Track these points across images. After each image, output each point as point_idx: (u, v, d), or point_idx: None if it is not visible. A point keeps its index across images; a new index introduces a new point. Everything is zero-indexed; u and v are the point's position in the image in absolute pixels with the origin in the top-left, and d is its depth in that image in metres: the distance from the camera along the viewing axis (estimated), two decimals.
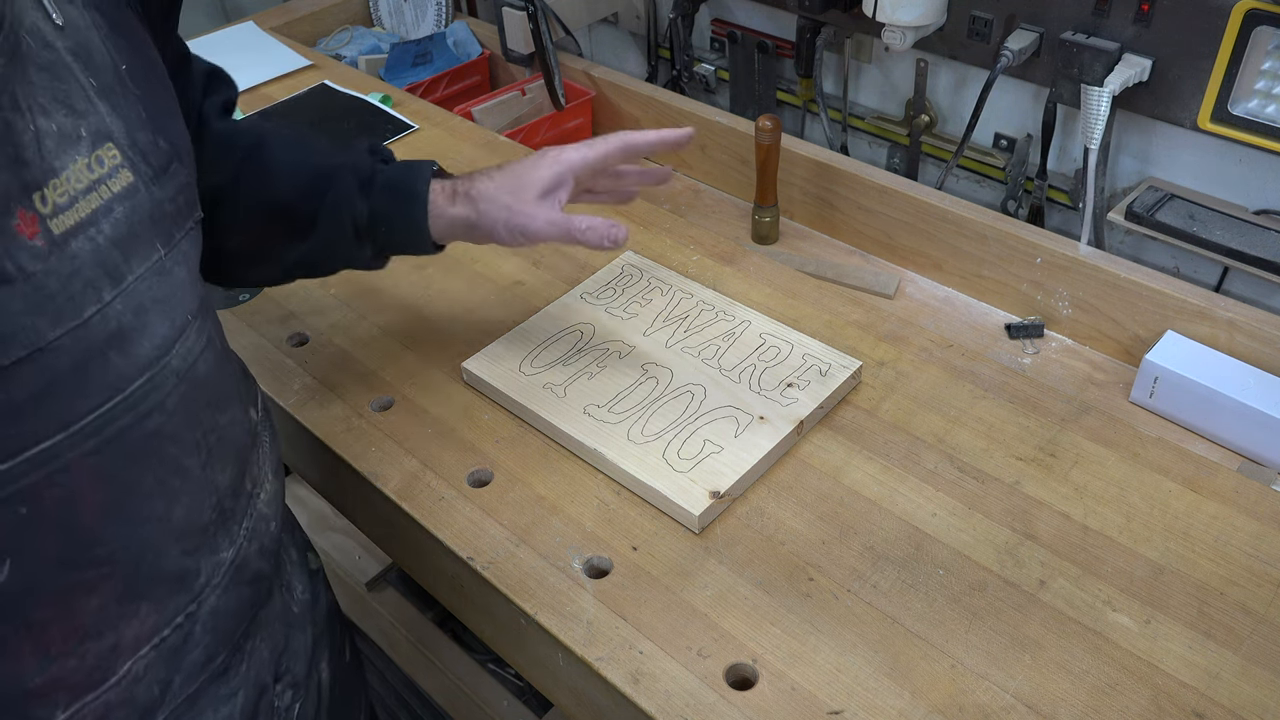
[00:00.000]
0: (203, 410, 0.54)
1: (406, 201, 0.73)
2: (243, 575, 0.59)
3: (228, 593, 0.58)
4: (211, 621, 0.57)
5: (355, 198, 0.73)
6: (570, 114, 1.31)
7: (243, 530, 0.59)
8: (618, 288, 0.90)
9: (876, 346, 0.85)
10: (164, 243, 0.51)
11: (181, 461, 0.53)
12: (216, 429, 0.56)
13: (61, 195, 0.45)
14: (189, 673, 0.56)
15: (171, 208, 0.52)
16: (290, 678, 0.67)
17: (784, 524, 0.71)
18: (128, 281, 0.48)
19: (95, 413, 0.46)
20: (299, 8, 1.53)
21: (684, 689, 0.61)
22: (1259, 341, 0.87)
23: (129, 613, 0.51)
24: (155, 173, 0.51)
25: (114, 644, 0.51)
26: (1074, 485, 0.73)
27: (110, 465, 0.48)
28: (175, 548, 0.53)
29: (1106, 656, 0.62)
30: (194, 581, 0.55)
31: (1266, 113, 0.89)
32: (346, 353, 0.88)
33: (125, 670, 0.52)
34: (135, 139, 0.50)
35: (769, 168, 1.09)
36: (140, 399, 0.49)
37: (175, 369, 0.51)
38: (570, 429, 0.76)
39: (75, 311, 0.45)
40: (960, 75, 1.12)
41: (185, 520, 0.54)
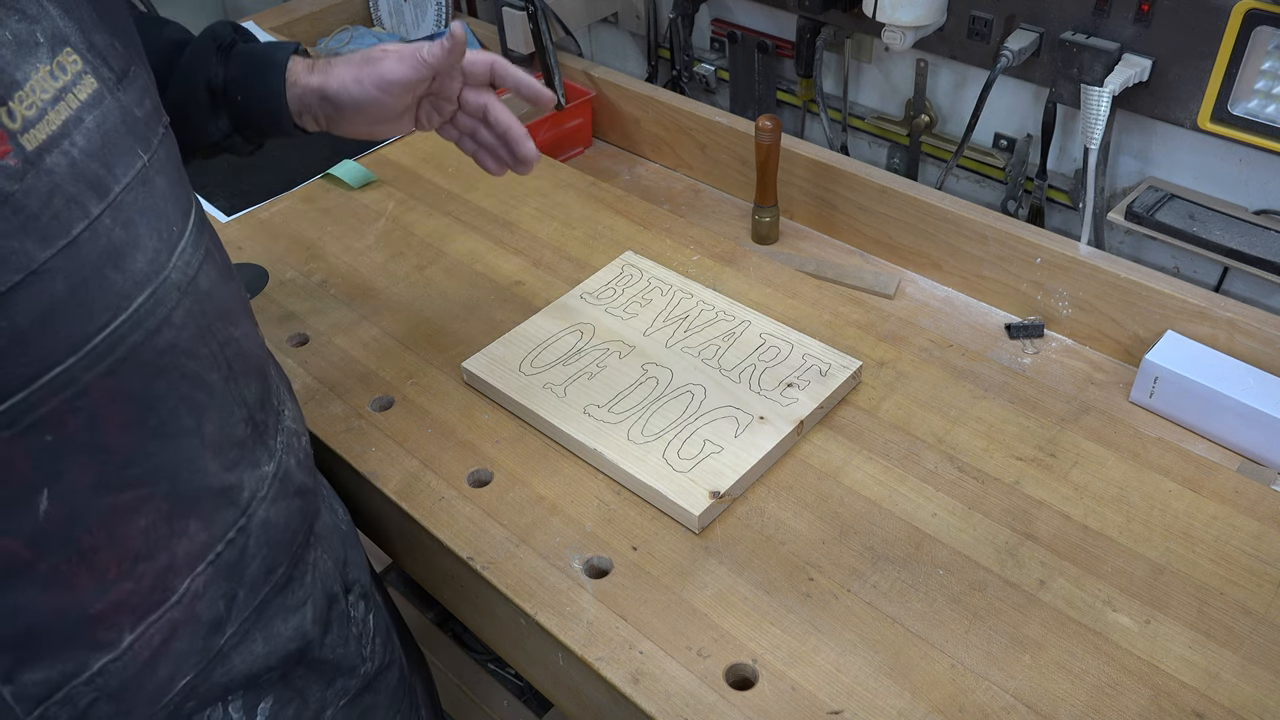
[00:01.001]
0: (215, 323, 0.53)
1: (264, 68, 0.72)
2: (288, 488, 0.60)
3: (276, 505, 0.58)
4: (265, 534, 0.57)
5: (212, 61, 0.72)
6: (570, 114, 1.31)
7: (279, 444, 0.60)
8: (618, 288, 0.90)
9: (876, 346, 0.85)
10: (144, 149, 0.49)
11: (203, 376, 0.52)
12: (232, 342, 0.55)
13: (29, 108, 0.42)
14: (251, 585, 0.57)
15: (140, 112, 0.50)
16: (360, 589, 0.69)
17: (784, 524, 0.71)
18: (114, 194, 0.46)
19: (103, 332, 0.45)
20: (299, 8, 1.53)
21: (684, 689, 0.61)
22: (1259, 341, 0.86)
23: (179, 531, 0.52)
24: (118, 77, 0.48)
25: (169, 563, 0.51)
26: (1074, 485, 0.73)
27: (128, 384, 0.47)
28: (214, 462, 0.53)
29: (1106, 656, 0.62)
30: (239, 495, 0.55)
31: (1266, 113, 0.89)
32: (346, 353, 0.88)
33: (185, 588, 0.53)
34: (92, 41, 0.47)
35: (769, 168, 1.08)
36: (146, 315, 0.48)
37: (176, 283, 0.50)
38: (570, 429, 0.76)
39: (63, 230, 0.43)
40: (960, 75, 1.12)
41: (219, 434, 0.54)
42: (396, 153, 1.14)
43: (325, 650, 0.64)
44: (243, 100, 0.72)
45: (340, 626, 0.66)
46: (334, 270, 0.97)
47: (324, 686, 0.65)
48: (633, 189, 1.24)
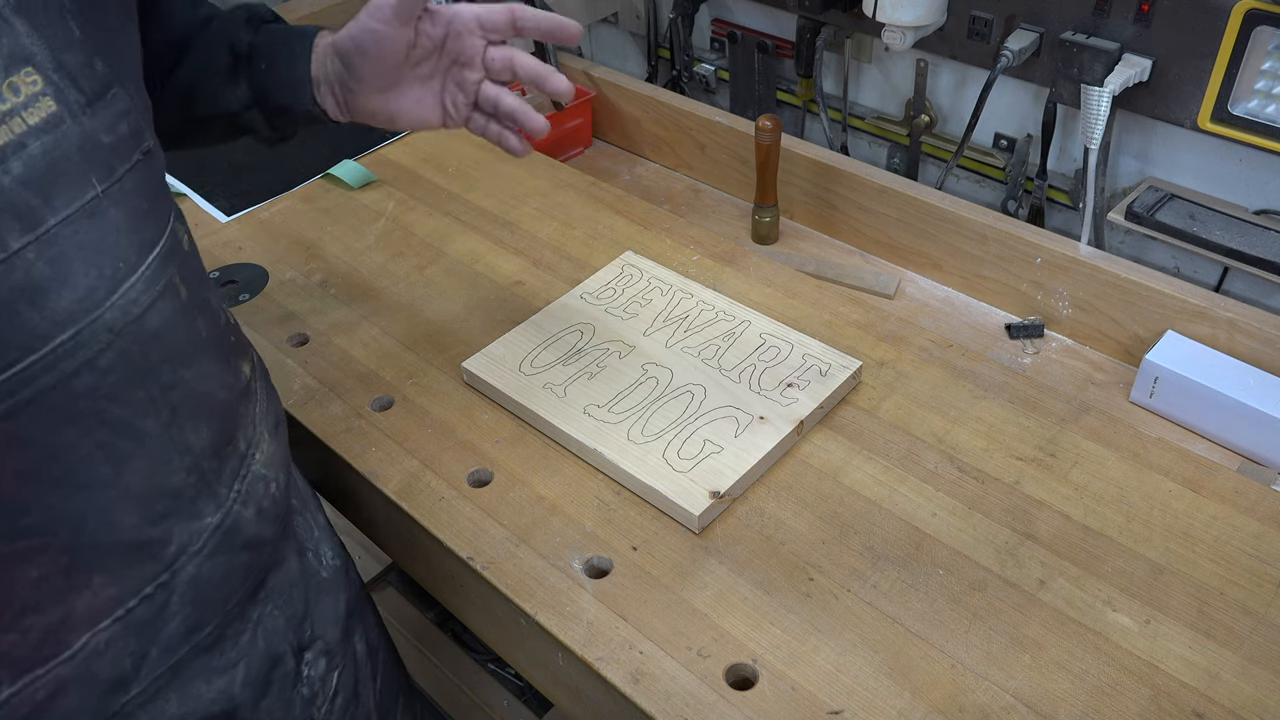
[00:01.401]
0: (159, 366, 0.50)
1: (292, 38, 0.70)
2: (233, 541, 0.56)
3: (212, 560, 0.54)
4: (192, 591, 0.53)
5: (240, 29, 0.70)
6: (570, 114, 1.31)
7: (232, 493, 0.56)
8: (618, 288, 0.90)
9: (876, 346, 0.85)
10: (101, 179, 0.46)
11: (132, 423, 0.48)
12: (180, 385, 0.51)
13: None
14: (167, 644, 0.53)
15: (110, 139, 0.47)
16: (322, 645, 0.64)
17: (784, 524, 0.71)
18: (47, 226, 0.43)
19: (5, 373, 0.42)
20: (299, 8, 1.53)
21: (684, 689, 0.61)
22: (1259, 341, 0.86)
23: (78, 585, 0.48)
24: (88, 99, 0.46)
25: (63, 617, 0.48)
26: (1074, 485, 0.73)
27: (28, 429, 0.44)
28: (133, 515, 0.50)
29: (1106, 656, 0.62)
30: (162, 550, 0.51)
31: (1266, 113, 0.89)
32: (346, 353, 0.88)
33: (81, 644, 0.49)
34: (62, 61, 0.45)
35: (769, 168, 1.08)
36: (63, 357, 0.44)
37: (110, 323, 0.46)
38: (570, 429, 0.76)
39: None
40: (960, 75, 1.12)
41: (145, 485, 0.50)
42: (396, 153, 1.14)
43: (259, 714, 0.59)
44: (266, 68, 0.69)
45: (282, 689, 0.61)
46: (334, 270, 0.97)
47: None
48: (633, 189, 1.24)
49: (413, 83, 0.70)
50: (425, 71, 0.70)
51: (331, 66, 0.69)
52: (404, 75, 0.70)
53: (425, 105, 0.71)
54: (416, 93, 0.71)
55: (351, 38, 0.68)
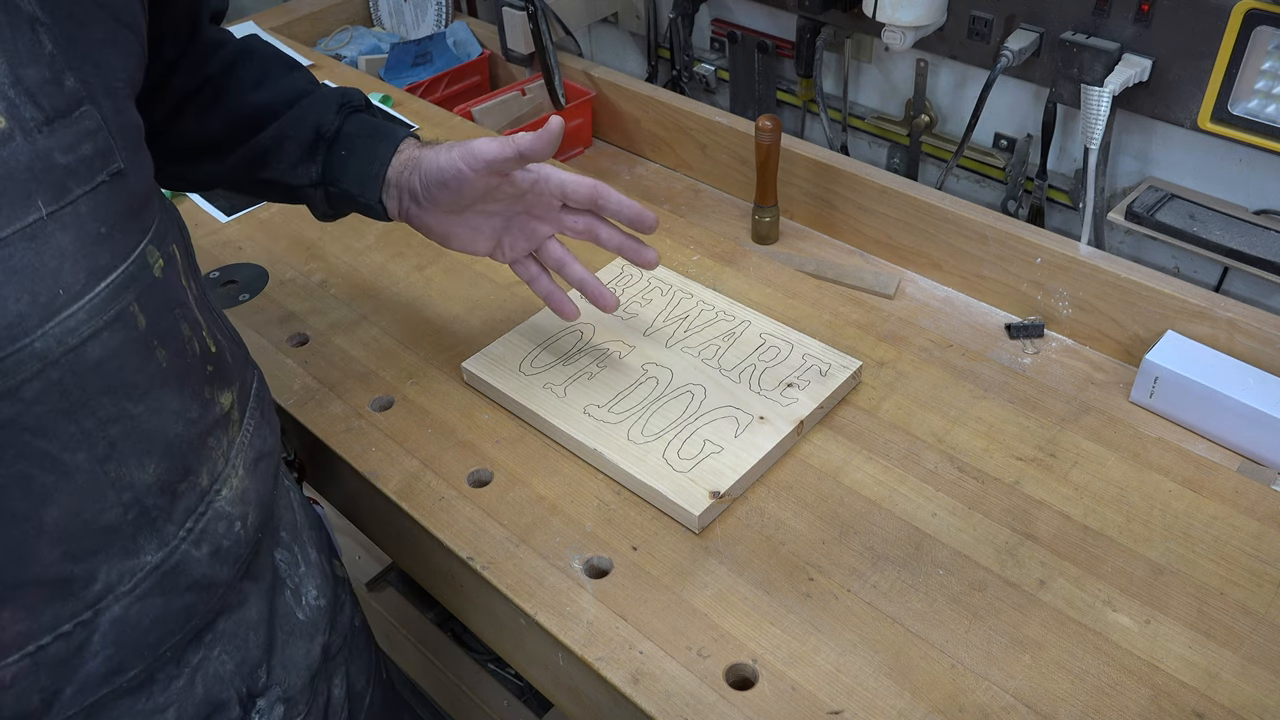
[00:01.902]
0: (98, 399, 0.47)
1: (380, 137, 0.72)
2: (177, 582, 0.53)
3: (145, 601, 0.51)
4: (116, 632, 0.50)
5: (331, 112, 0.71)
6: (570, 114, 1.31)
7: (183, 531, 0.53)
8: (618, 288, 0.90)
9: (876, 346, 0.85)
10: (49, 200, 0.44)
11: (58, 456, 0.46)
12: (124, 419, 0.49)
13: None
14: (83, 684, 0.50)
15: (67, 159, 0.45)
16: (279, 691, 0.61)
17: (784, 524, 0.71)
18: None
19: None
20: (299, 8, 1.53)
21: (684, 689, 0.61)
22: (1259, 341, 0.87)
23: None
24: (47, 117, 0.44)
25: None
26: (1074, 485, 0.73)
27: None
28: (53, 551, 0.47)
29: (1106, 656, 0.62)
30: (84, 589, 0.49)
31: (1266, 113, 0.89)
32: (346, 353, 0.88)
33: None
34: (19, 76, 0.43)
35: (769, 168, 1.09)
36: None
37: (40, 352, 0.44)
38: (570, 429, 0.76)
39: None
40: (960, 75, 1.12)
41: (71, 521, 0.47)
42: None
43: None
44: (345, 155, 0.71)
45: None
46: (334, 270, 0.97)
47: None
48: (633, 189, 1.24)
49: (478, 214, 0.74)
50: (494, 209, 0.74)
51: (408, 179, 0.72)
52: (473, 207, 0.73)
53: (481, 236, 0.75)
54: (477, 222, 0.74)
55: (440, 169, 0.70)
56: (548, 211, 0.74)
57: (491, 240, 0.75)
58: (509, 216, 0.75)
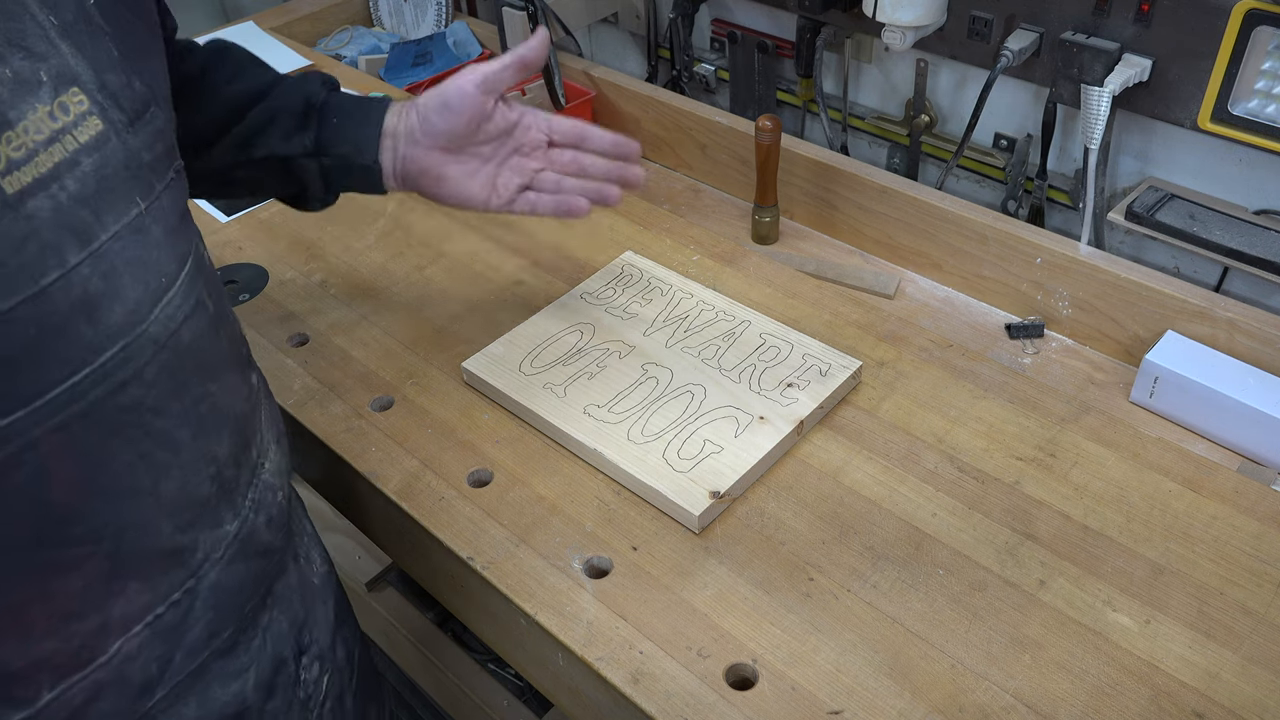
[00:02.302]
0: (191, 378, 0.51)
1: (367, 101, 0.75)
2: (248, 549, 0.58)
3: (231, 567, 0.56)
4: (213, 597, 0.55)
5: (317, 86, 0.74)
6: (570, 114, 1.31)
7: (248, 502, 0.58)
8: (618, 288, 0.90)
9: (876, 346, 0.85)
10: (143, 196, 0.48)
11: (170, 433, 0.50)
12: (208, 398, 0.53)
13: (17, 149, 0.41)
14: (191, 649, 0.54)
15: (149, 157, 0.48)
16: (316, 650, 0.66)
17: (784, 524, 0.71)
18: (99, 242, 0.45)
19: (61, 386, 0.44)
20: (299, 8, 1.53)
21: (684, 689, 0.61)
22: (1259, 341, 0.86)
23: (116, 591, 0.49)
24: (129, 119, 0.47)
25: (101, 623, 0.49)
26: (1074, 485, 0.73)
27: (82, 440, 0.45)
28: (168, 523, 0.51)
29: (1106, 656, 0.62)
30: (190, 557, 0.53)
31: (1266, 113, 0.89)
32: (346, 353, 0.88)
33: (115, 649, 0.50)
34: (105, 81, 0.46)
35: (769, 168, 1.08)
36: (113, 370, 0.46)
37: (154, 336, 0.48)
38: (570, 429, 0.76)
39: (30, 280, 0.41)
40: (960, 75, 1.12)
41: (178, 494, 0.51)
42: None
43: (265, 717, 0.61)
44: (337, 122, 0.74)
45: (285, 692, 0.62)
46: (334, 270, 0.97)
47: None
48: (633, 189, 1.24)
49: (473, 156, 0.76)
50: (487, 152, 0.76)
51: (405, 121, 0.74)
52: (468, 146, 0.75)
53: (476, 179, 0.77)
54: (472, 165, 0.76)
55: (441, 92, 0.73)
56: (535, 149, 0.77)
57: (487, 184, 0.77)
58: (501, 160, 0.77)
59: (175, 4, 0.65)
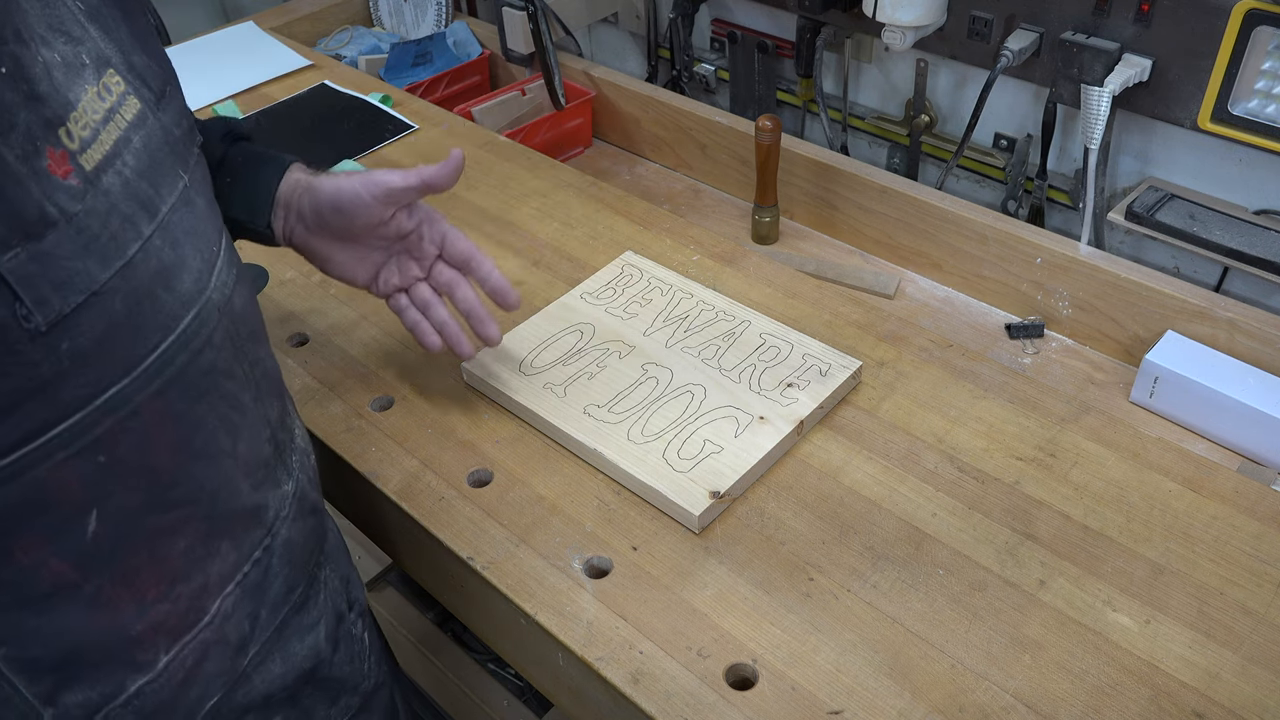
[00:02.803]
0: (245, 343, 0.54)
1: (265, 163, 0.74)
2: (304, 506, 0.61)
3: (295, 524, 0.59)
4: (286, 553, 0.58)
5: (215, 140, 0.73)
6: (570, 114, 1.31)
7: (294, 463, 0.60)
8: (618, 288, 0.90)
9: (876, 346, 0.85)
10: (184, 169, 0.50)
11: (238, 396, 0.53)
12: (259, 362, 0.56)
13: (84, 128, 0.43)
14: (273, 605, 0.57)
15: (179, 132, 0.50)
16: (360, 606, 0.69)
17: (784, 524, 0.71)
18: (162, 214, 0.47)
19: (155, 353, 0.46)
20: (299, 8, 1.53)
21: (684, 689, 0.61)
22: (1259, 341, 0.87)
23: (213, 551, 0.52)
24: (156, 97, 0.49)
25: (203, 584, 0.52)
26: (1074, 485, 0.73)
27: (176, 405, 0.48)
28: (245, 483, 0.54)
29: (1106, 656, 0.62)
30: (265, 515, 0.56)
31: (1266, 113, 0.89)
32: (346, 353, 0.88)
33: (216, 609, 0.53)
34: (132, 62, 0.48)
35: (769, 168, 1.09)
36: (192, 335, 0.48)
37: (216, 303, 0.50)
38: (570, 429, 0.76)
39: (119, 250, 0.43)
40: (960, 75, 1.12)
41: (250, 454, 0.54)
42: (396, 153, 1.14)
43: (334, 669, 0.64)
44: (231, 183, 0.73)
45: (346, 644, 0.66)
46: None
47: (328, 705, 0.64)
48: (633, 189, 1.24)
49: (363, 246, 0.76)
50: (380, 244, 0.76)
51: (298, 201, 0.74)
52: (361, 238, 0.75)
53: (362, 266, 0.76)
54: (361, 253, 0.76)
55: (338, 191, 0.72)
56: (423, 256, 0.76)
57: (371, 271, 0.77)
58: (389, 253, 0.77)
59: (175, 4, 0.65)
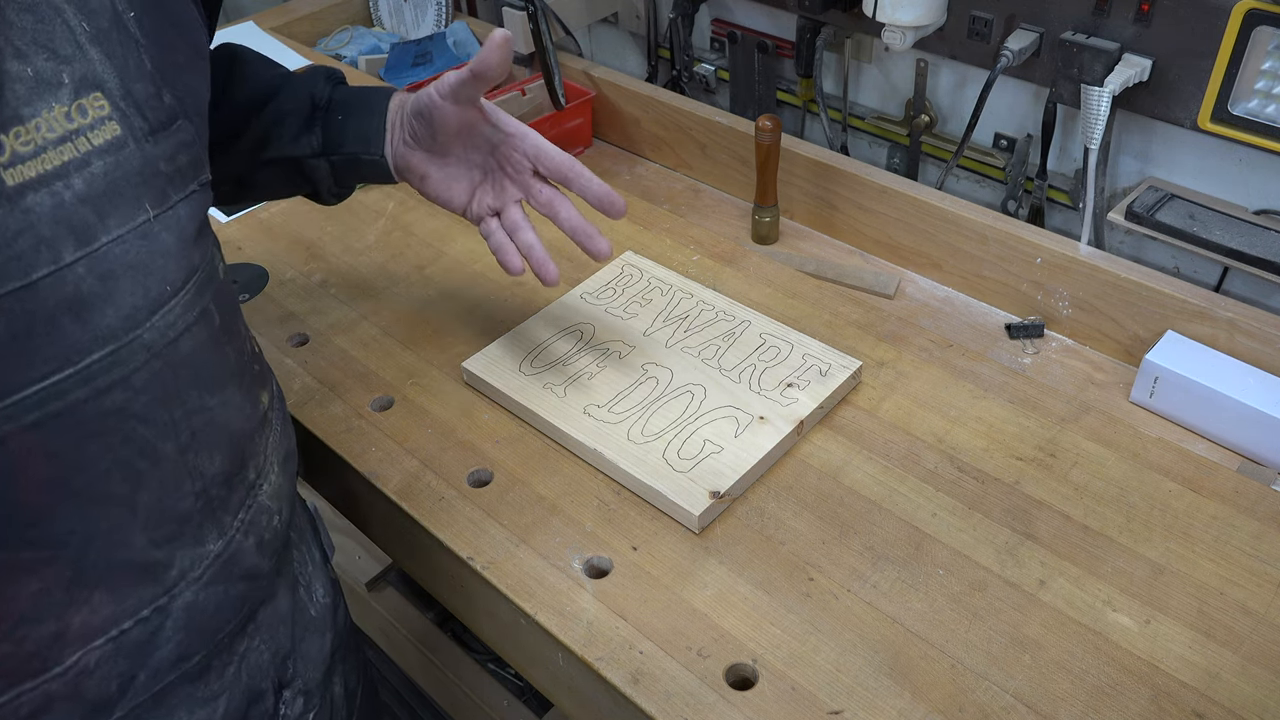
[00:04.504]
0: (185, 390, 0.51)
1: (370, 93, 0.75)
2: (231, 571, 0.56)
3: (210, 589, 0.54)
4: (186, 618, 0.53)
5: (321, 82, 0.75)
6: (570, 114, 1.31)
7: (237, 522, 0.56)
8: (618, 288, 0.90)
9: (876, 346, 0.85)
10: (155, 204, 0.48)
11: (153, 443, 0.49)
12: (204, 411, 0.52)
13: (25, 144, 0.42)
14: (155, 670, 0.52)
15: (168, 167, 0.49)
16: (301, 684, 0.64)
17: (784, 524, 0.71)
18: (99, 244, 0.45)
19: (40, 384, 0.43)
20: (299, 8, 1.53)
21: (684, 689, 0.61)
22: (1259, 341, 0.86)
23: (78, 600, 0.48)
24: (152, 128, 0.48)
25: (58, 632, 0.48)
26: (1074, 485, 0.73)
27: (56, 441, 0.45)
28: (141, 536, 0.50)
29: (1106, 656, 0.62)
30: (164, 573, 0.51)
31: (1266, 113, 0.89)
32: (346, 353, 0.88)
33: (73, 661, 0.49)
34: (131, 90, 0.47)
35: (769, 168, 1.08)
36: (98, 373, 0.45)
37: (148, 343, 0.48)
38: (570, 429, 0.76)
39: (21, 271, 0.41)
40: (960, 75, 1.12)
41: (155, 507, 0.50)
42: None
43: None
44: (343, 119, 0.74)
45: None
46: (334, 270, 0.97)
47: None
48: (633, 189, 1.24)
49: (459, 162, 0.76)
50: (476, 160, 0.76)
51: (401, 120, 0.74)
52: (454, 151, 0.75)
53: (458, 185, 0.76)
54: (457, 170, 0.76)
55: (417, 100, 0.73)
56: (519, 173, 0.75)
57: (466, 191, 0.76)
58: (486, 170, 0.76)
59: None
